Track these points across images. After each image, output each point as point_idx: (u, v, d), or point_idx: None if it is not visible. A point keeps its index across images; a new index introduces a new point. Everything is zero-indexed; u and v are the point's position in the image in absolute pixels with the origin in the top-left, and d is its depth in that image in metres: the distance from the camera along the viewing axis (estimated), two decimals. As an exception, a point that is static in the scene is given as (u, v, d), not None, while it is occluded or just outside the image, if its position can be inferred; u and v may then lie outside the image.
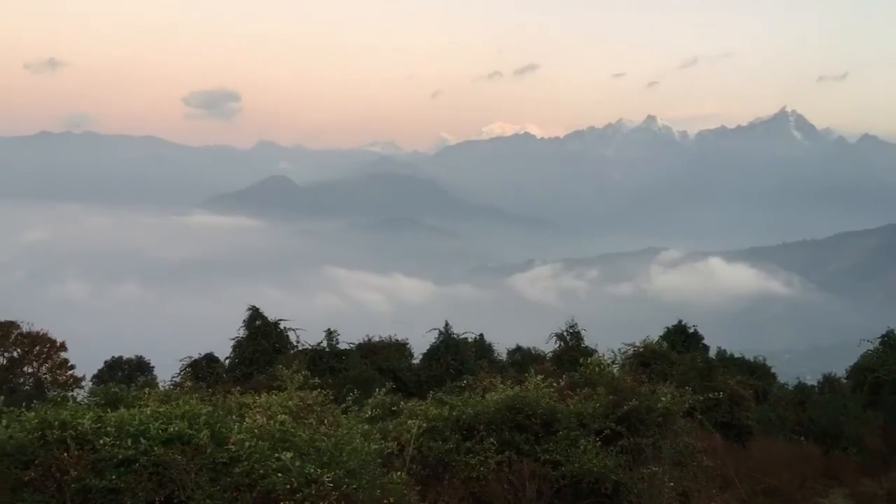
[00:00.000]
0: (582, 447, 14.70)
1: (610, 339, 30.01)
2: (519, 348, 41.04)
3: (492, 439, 14.70)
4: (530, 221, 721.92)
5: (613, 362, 24.59)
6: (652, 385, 17.01)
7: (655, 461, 15.06)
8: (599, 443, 14.91)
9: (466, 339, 36.90)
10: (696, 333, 37.46)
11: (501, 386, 17.05)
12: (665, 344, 32.23)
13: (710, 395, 20.10)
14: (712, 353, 36.41)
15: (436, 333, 35.87)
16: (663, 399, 15.81)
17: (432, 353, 35.04)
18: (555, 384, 17.18)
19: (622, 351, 29.02)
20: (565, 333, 35.65)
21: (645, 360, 28.50)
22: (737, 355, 38.01)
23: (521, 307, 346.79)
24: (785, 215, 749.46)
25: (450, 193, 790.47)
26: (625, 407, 15.49)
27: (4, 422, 12.16)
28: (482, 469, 14.28)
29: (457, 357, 34.48)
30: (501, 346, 41.31)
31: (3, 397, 13.80)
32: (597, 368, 18.29)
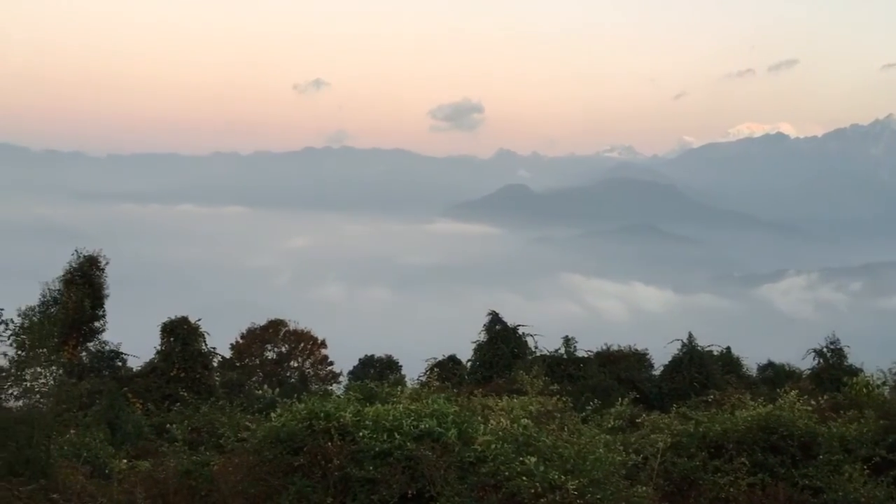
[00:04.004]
0: (846, 474, 13.59)
1: (878, 358, 27.28)
2: (771, 364, 38.57)
3: (743, 459, 13.97)
4: (782, 228, 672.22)
5: (884, 383, 22.38)
6: (932, 411, 15.25)
7: (937, 497, 13.46)
8: (867, 471, 13.67)
9: (711, 351, 35.35)
10: None
11: (752, 403, 16.22)
12: (948, 365, 28.59)
13: None
14: None
15: (678, 345, 34.69)
16: (947, 427, 14.12)
17: (675, 365, 33.89)
18: (813, 404, 16.03)
19: (894, 372, 26.23)
20: (825, 350, 32.86)
21: (923, 382, 25.48)
22: None
23: (771, 320, 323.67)
24: None
25: (692, 199, 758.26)
26: (899, 434, 14.03)
27: (278, 411, 13.50)
28: (732, 490, 13.62)
29: (701, 370, 33.07)
30: (750, 360, 39.07)
31: (277, 389, 15.32)
32: (864, 389, 16.86)
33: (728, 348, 38.29)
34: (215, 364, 34.53)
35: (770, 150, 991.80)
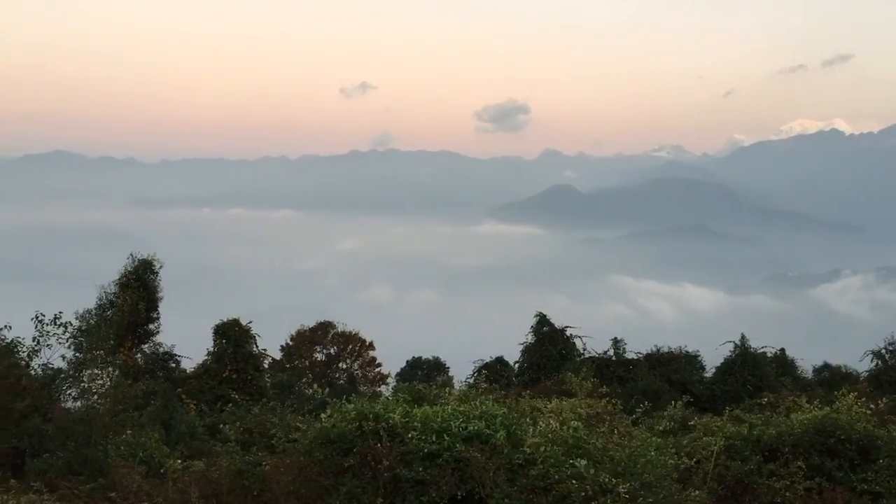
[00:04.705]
0: (908, 480, 13.16)
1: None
2: (827, 366, 37.68)
3: (799, 463, 13.66)
4: (838, 227, 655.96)
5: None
6: None
7: None
8: (930, 477, 13.23)
9: (765, 353, 34.70)
10: None
11: (808, 406, 15.87)
12: None
13: None
14: None
15: (730, 346, 34.15)
16: None
17: (727, 367, 33.36)
18: (872, 407, 15.63)
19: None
20: (884, 351, 32.00)
21: None
22: None
23: (826, 321, 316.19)
24: None
25: (744, 198, 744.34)
26: (964, 439, 13.57)
27: (328, 412, 13.60)
28: (788, 495, 13.34)
29: (755, 372, 32.51)
30: (805, 362, 38.24)
31: (327, 390, 15.46)
32: (926, 392, 16.27)
33: (782, 350, 37.57)
34: (266, 365, 34.99)
35: (824, 148, 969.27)
